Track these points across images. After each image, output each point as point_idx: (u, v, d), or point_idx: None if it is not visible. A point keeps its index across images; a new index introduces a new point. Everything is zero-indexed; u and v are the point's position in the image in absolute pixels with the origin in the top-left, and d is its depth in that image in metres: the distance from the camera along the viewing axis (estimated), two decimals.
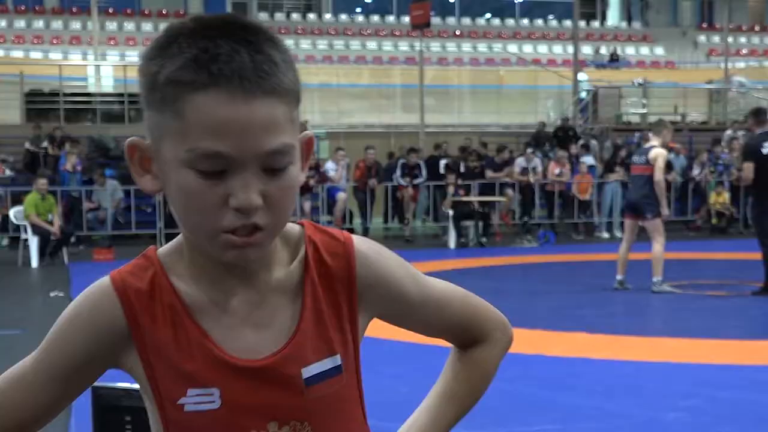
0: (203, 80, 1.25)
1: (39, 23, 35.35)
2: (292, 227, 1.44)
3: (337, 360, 1.40)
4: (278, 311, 1.39)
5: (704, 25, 41.72)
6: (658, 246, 11.04)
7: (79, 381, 1.42)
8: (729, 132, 22.97)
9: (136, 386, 1.42)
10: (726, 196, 20.37)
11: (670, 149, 19.20)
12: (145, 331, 1.36)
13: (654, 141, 11.29)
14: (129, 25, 36.31)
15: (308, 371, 1.38)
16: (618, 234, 17.99)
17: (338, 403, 1.42)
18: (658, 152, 11.04)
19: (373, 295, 1.44)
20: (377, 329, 1.67)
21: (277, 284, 1.39)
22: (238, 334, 1.37)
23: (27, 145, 19.77)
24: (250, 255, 1.31)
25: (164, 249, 1.42)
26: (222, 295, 1.38)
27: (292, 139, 1.31)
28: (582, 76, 26.16)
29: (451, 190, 18.13)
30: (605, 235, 19.60)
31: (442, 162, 19.52)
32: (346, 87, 27.97)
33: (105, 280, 1.40)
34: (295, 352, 1.37)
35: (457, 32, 38.46)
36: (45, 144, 19.74)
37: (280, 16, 38.79)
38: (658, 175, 10.96)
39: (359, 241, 1.46)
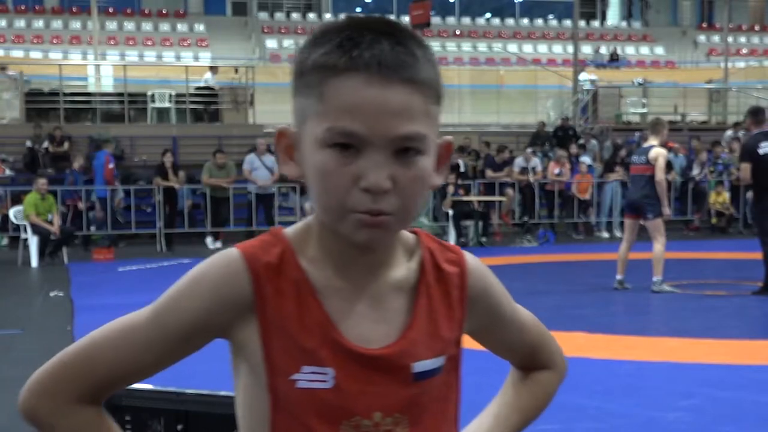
0: (344, 64, 1.33)
1: (39, 23, 35.35)
2: (407, 234, 1.50)
3: (443, 360, 1.46)
4: (394, 307, 1.44)
5: (704, 25, 41.72)
6: (658, 246, 11.04)
7: (187, 346, 1.43)
8: (730, 132, 22.96)
9: (136, 387, 1.42)
10: (726, 196, 20.38)
11: (669, 148, 19.25)
12: (269, 304, 1.39)
13: (653, 141, 11.28)
14: (129, 25, 36.30)
15: (418, 366, 1.43)
16: (618, 234, 18.00)
17: (438, 402, 1.47)
18: (658, 152, 11.04)
19: (477, 306, 1.53)
20: None
21: (395, 282, 1.45)
22: (356, 321, 1.42)
23: (28, 143, 19.75)
24: (378, 238, 1.37)
25: (291, 229, 1.46)
26: (345, 282, 1.43)
27: (427, 131, 1.36)
28: (584, 75, 26.15)
29: (450, 189, 18.13)
30: (605, 234, 19.60)
31: None
32: None
33: (233, 250, 1.42)
34: (408, 347, 1.42)
35: (457, 32, 38.47)
36: (46, 144, 19.73)
37: (280, 15, 38.80)
38: (660, 175, 10.95)
39: (469, 256, 1.55)
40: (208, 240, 17.85)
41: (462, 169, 19.06)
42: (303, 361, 1.38)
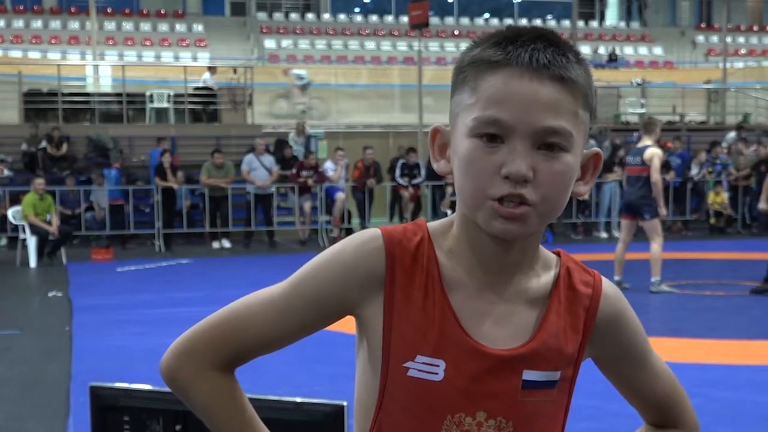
0: (499, 58, 1.39)
1: (37, 23, 35.32)
2: (549, 252, 1.56)
3: (556, 376, 1.48)
4: (520, 315, 1.47)
5: (703, 25, 41.73)
6: (656, 246, 11.04)
7: (322, 315, 1.48)
8: (733, 134, 22.96)
9: (135, 386, 1.43)
10: (724, 196, 20.38)
11: (666, 148, 19.26)
12: (398, 288, 1.43)
13: (647, 140, 11.22)
14: (127, 25, 36.27)
15: (529, 375, 1.45)
16: (616, 234, 17.99)
17: (544, 417, 1.49)
18: (653, 152, 11.00)
19: (606, 333, 1.54)
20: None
21: (527, 290, 1.48)
22: (480, 319, 1.45)
23: (24, 147, 19.75)
24: (513, 229, 1.39)
25: (434, 222, 1.52)
26: (477, 279, 1.46)
27: (573, 129, 1.39)
28: None
29: (449, 190, 18.13)
30: (603, 234, 19.61)
31: None
32: (345, 87, 27.96)
33: (375, 230, 1.47)
34: (527, 355, 1.45)
35: (456, 32, 38.46)
36: (44, 144, 19.71)
37: (278, 15, 38.78)
38: (656, 176, 10.93)
39: (606, 281, 1.56)
40: (215, 243, 17.81)
41: None
42: (418, 350, 1.42)
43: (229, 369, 1.50)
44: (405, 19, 28.78)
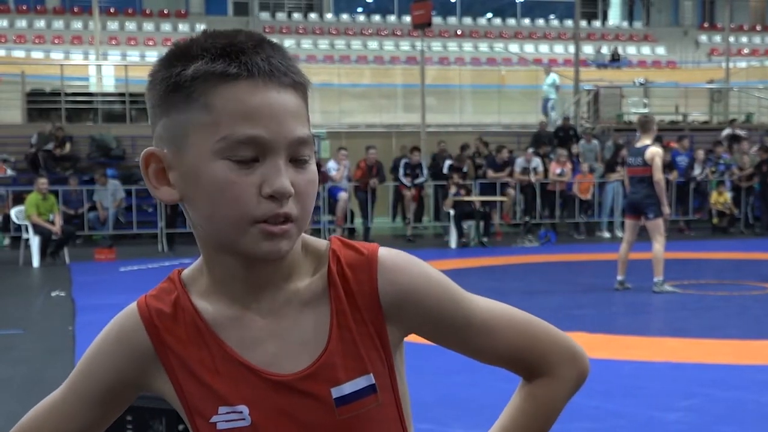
0: (234, 70, 1.28)
1: (40, 23, 35.35)
2: (319, 243, 1.42)
3: (371, 379, 1.36)
4: (300, 323, 1.36)
5: (706, 25, 41.69)
6: (658, 246, 11.03)
7: (112, 404, 1.44)
8: (728, 130, 22.94)
9: None
10: (727, 196, 20.38)
11: (668, 147, 19.25)
12: (171, 352, 1.38)
13: (645, 140, 11.17)
14: (130, 25, 36.30)
15: (339, 391, 1.34)
16: (619, 234, 17.99)
17: (373, 423, 1.37)
18: (653, 152, 10.97)
19: (400, 311, 1.38)
20: None
21: (300, 299, 1.37)
22: (261, 346, 1.36)
23: (33, 140, 19.74)
24: (282, 247, 1.30)
25: (187, 270, 1.43)
26: (242, 310, 1.37)
27: (311, 135, 1.35)
28: (552, 77, 25.98)
29: (452, 189, 18.13)
30: (606, 234, 19.61)
31: (447, 162, 19.52)
32: (348, 87, 27.96)
33: (132, 306, 1.42)
34: (324, 372, 1.34)
35: (459, 32, 38.45)
36: (51, 145, 19.73)
37: (281, 15, 38.79)
38: (658, 175, 10.91)
39: (385, 254, 1.39)
40: None
41: (464, 170, 19.05)
42: (218, 402, 1.35)
43: None
44: (408, 18, 28.76)
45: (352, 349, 1.35)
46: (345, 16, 39.17)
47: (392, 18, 39.25)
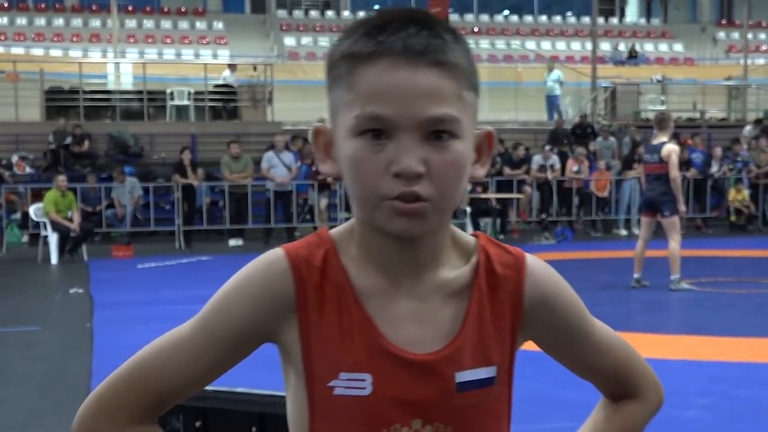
0: (370, 50, 1.31)
1: (59, 21, 35.51)
2: (467, 237, 1.45)
3: (492, 371, 1.40)
4: (442, 310, 1.39)
5: (723, 22, 41.52)
6: (674, 243, 10.99)
7: (238, 349, 1.40)
8: (749, 128, 22.84)
9: None
10: (745, 194, 20.29)
11: (684, 144, 19.17)
12: (311, 307, 1.37)
13: (662, 137, 11.14)
14: (148, 23, 36.43)
15: (462, 376, 1.37)
16: (636, 231, 17.93)
17: (485, 414, 1.41)
18: (670, 149, 10.94)
19: (537, 315, 1.44)
20: None
21: (444, 284, 1.40)
22: (401, 324, 1.37)
23: (51, 138, 19.84)
24: (415, 227, 1.32)
25: (336, 229, 1.44)
26: (389, 283, 1.38)
27: (459, 114, 1.32)
28: (556, 73, 25.85)
29: (468, 186, 18.12)
30: (623, 232, 19.56)
31: None
32: None
33: (278, 251, 1.40)
34: (454, 355, 1.37)
35: (476, 29, 38.41)
36: (68, 140, 19.84)
37: (298, 13, 38.85)
38: (674, 172, 10.88)
39: (532, 259, 1.47)
40: (231, 240, 17.87)
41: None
42: (341, 367, 1.35)
43: (147, 420, 1.41)
44: None
45: (483, 340, 1.40)
46: (362, 14, 39.14)
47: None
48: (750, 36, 31.92)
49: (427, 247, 1.38)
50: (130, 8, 36.56)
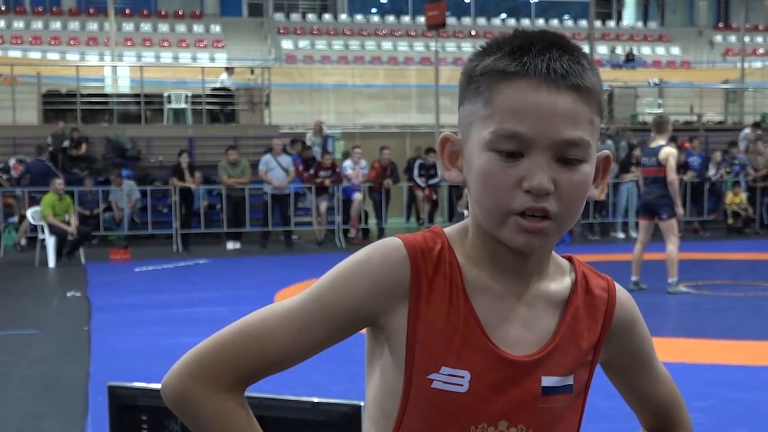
0: (515, 69, 1.37)
1: (56, 24, 35.50)
2: (561, 258, 1.55)
3: (571, 380, 1.47)
4: (543, 318, 1.46)
5: (720, 25, 41.58)
6: (672, 246, 10.99)
7: (346, 327, 1.43)
8: (747, 131, 22.85)
9: (154, 386, 1.42)
10: (743, 197, 20.30)
11: (682, 147, 19.18)
12: (423, 297, 1.40)
13: (660, 140, 11.14)
14: (145, 26, 36.42)
15: (547, 381, 1.44)
16: (633, 234, 17.95)
17: (562, 422, 1.48)
18: (668, 152, 10.93)
19: (619, 337, 1.54)
20: None
21: (548, 293, 1.48)
22: (503, 325, 1.43)
23: (49, 140, 19.81)
24: (536, 243, 1.38)
25: (450, 228, 1.49)
26: (499, 285, 1.44)
27: (590, 138, 1.38)
28: None
29: (466, 190, 18.12)
30: (621, 235, 19.57)
31: None
32: (362, 87, 27.98)
33: (396, 240, 1.43)
34: (545, 359, 1.44)
35: (473, 32, 38.44)
36: (66, 143, 19.82)
37: (295, 16, 38.86)
38: (672, 176, 10.88)
39: (620, 287, 1.56)
40: (229, 243, 17.85)
41: None
42: (443, 361, 1.39)
43: (241, 389, 1.43)
44: (422, 19, 28.77)
45: (572, 351, 1.47)
46: (359, 17, 39.20)
47: (406, 19, 39.26)
48: (747, 39, 31.95)
49: (535, 258, 1.45)
50: (127, 11, 36.58)
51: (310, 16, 39.07)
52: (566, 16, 41.39)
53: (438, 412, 1.40)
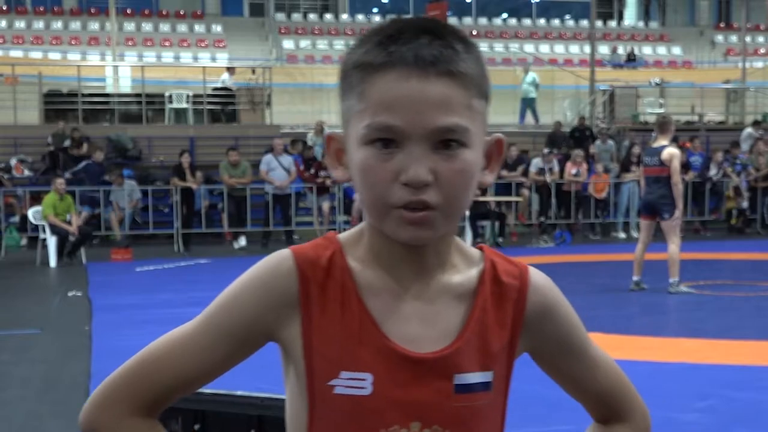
0: (383, 60, 1.33)
1: (57, 24, 35.50)
2: (471, 248, 1.48)
3: (489, 376, 1.42)
4: (445, 313, 1.41)
5: (722, 25, 41.55)
6: (673, 246, 10.98)
7: (241, 345, 1.42)
8: (749, 130, 22.83)
9: None
10: (744, 197, 20.29)
11: (684, 148, 19.17)
12: (314, 305, 1.38)
13: (662, 140, 11.12)
14: (147, 26, 36.42)
15: (460, 378, 1.39)
16: (635, 234, 17.94)
17: (482, 420, 1.42)
18: (671, 153, 10.91)
19: (537, 325, 1.47)
20: None
21: (450, 286, 1.42)
22: (404, 323, 1.39)
23: (49, 140, 19.82)
24: (422, 235, 1.34)
25: (345, 233, 1.47)
26: (395, 283, 1.40)
27: (468, 124, 1.34)
28: (531, 75, 25.82)
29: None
30: (622, 235, 19.56)
31: None
32: None
33: (285, 251, 1.42)
34: (454, 356, 1.39)
35: (474, 32, 38.41)
36: (68, 143, 19.82)
37: (296, 16, 38.86)
38: (675, 178, 10.85)
39: (534, 271, 1.49)
40: (235, 242, 17.84)
41: None
42: (342, 366, 1.36)
43: (150, 414, 1.44)
44: None
45: (483, 345, 1.41)
46: (360, 17, 39.19)
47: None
48: (748, 39, 31.94)
49: (433, 251, 1.40)
50: (128, 11, 36.58)
51: (312, 16, 39.08)
52: (567, 16, 41.38)
53: (345, 417, 1.37)
